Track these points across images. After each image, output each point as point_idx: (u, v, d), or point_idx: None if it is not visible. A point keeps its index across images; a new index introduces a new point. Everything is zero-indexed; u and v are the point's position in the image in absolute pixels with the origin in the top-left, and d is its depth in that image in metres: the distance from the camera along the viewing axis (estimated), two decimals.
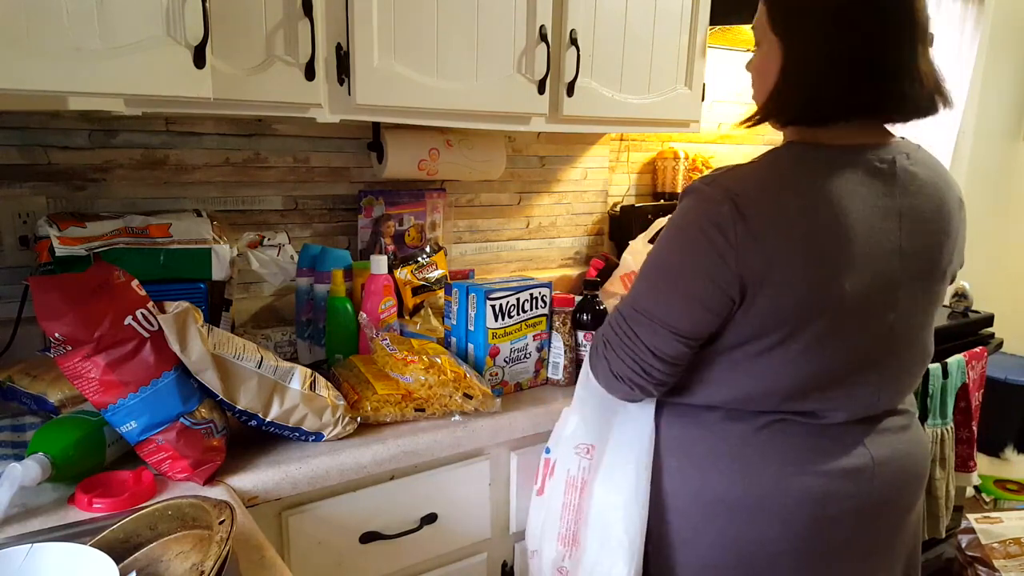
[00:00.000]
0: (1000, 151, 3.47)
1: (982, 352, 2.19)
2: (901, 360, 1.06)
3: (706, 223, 0.95)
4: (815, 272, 0.94)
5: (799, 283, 0.94)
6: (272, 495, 1.09)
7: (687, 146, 2.25)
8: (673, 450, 1.09)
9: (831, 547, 1.05)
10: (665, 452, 1.10)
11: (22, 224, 1.33)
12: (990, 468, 2.85)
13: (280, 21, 1.22)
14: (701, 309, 0.98)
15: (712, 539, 1.06)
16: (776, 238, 0.93)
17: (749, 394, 1.03)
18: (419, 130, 1.62)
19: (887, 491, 1.07)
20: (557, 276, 2.02)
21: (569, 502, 1.18)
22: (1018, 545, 2.09)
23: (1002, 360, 2.92)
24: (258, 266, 1.40)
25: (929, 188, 1.02)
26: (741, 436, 1.04)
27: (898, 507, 1.10)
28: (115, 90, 1.03)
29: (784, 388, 1.01)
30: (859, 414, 1.05)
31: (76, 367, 0.97)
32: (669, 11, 1.73)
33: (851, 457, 1.04)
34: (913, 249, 1.00)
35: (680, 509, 1.09)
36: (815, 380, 1.00)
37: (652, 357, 1.02)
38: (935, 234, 1.03)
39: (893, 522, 1.10)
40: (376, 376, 1.28)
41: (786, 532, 1.03)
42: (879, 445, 1.06)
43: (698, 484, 1.06)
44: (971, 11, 3.03)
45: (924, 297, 1.04)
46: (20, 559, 0.76)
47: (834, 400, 1.02)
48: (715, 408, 1.06)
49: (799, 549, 1.04)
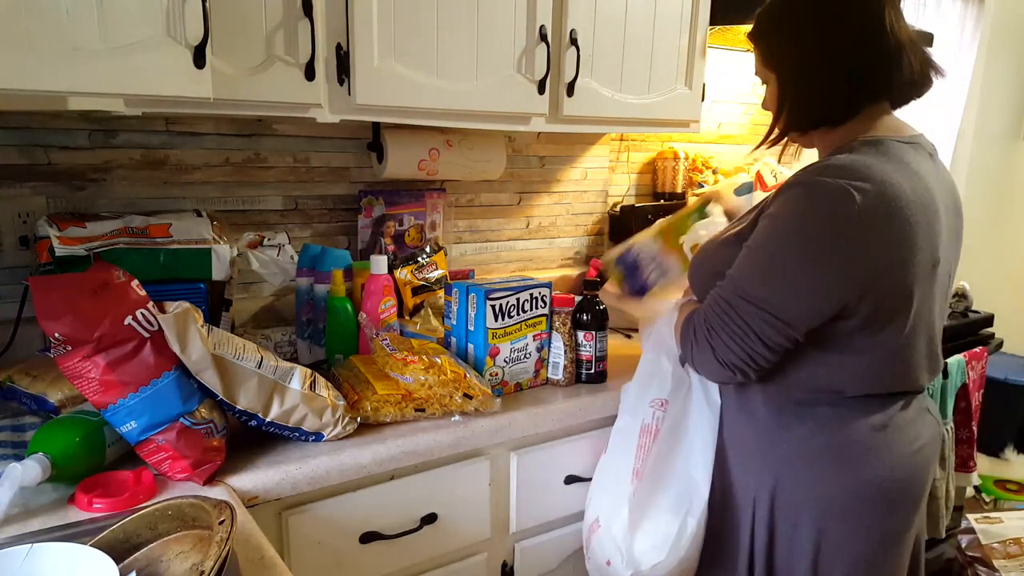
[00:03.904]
0: (1000, 151, 3.47)
1: (982, 352, 2.19)
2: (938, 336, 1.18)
3: (829, 216, 0.98)
4: (923, 255, 1.02)
5: (915, 261, 1.02)
6: (272, 495, 1.09)
7: (687, 146, 2.25)
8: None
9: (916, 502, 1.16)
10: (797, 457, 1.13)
11: (22, 224, 1.33)
12: (990, 468, 2.85)
13: (280, 21, 1.22)
14: (820, 301, 1.01)
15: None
16: (896, 224, 0.99)
17: (864, 376, 1.08)
18: (419, 130, 1.62)
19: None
20: (557, 276, 2.02)
21: (644, 444, 1.26)
22: (1018, 545, 2.09)
23: (1002, 360, 2.92)
24: (258, 266, 1.40)
25: (952, 183, 1.14)
26: (871, 425, 1.10)
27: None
28: (115, 90, 1.03)
29: (897, 366, 1.09)
30: (935, 376, 1.17)
31: (76, 367, 0.97)
32: (669, 11, 1.73)
33: (932, 426, 1.17)
34: (950, 224, 1.10)
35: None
36: (928, 349, 1.11)
37: (761, 345, 1.04)
38: (959, 209, 1.14)
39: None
40: (376, 376, 1.28)
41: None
42: (935, 409, 1.20)
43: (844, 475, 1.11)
44: (971, 11, 3.03)
45: (949, 287, 1.15)
46: (20, 559, 0.76)
47: (932, 368, 1.14)
48: (850, 398, 1.10)
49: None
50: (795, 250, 1.01)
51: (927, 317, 1.09)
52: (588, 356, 1.49)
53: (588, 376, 1.49)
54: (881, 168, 1.00)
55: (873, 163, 1.00)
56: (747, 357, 1.06)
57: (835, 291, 1.00)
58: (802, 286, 1.01)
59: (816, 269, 1.00)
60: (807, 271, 1.00)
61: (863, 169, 0.99)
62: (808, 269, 1.00)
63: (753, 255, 1.06)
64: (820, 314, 1.02)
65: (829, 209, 0.98)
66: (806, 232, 1.00)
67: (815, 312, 1.02)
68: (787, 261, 1.02)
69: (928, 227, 1.02)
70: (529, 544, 1.43)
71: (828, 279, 1.00)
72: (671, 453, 1.25)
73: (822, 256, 0.99)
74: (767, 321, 1.03)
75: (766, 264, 1.04)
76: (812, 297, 1.01)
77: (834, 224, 0.97)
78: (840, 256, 0.98)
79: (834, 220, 0.97)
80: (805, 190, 1.01)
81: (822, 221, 0.98)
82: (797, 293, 1.01)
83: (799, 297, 1.01)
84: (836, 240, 0.98)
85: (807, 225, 1.00)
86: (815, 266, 1.00)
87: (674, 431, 1.26)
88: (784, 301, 1.02)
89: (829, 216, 0.98)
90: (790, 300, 1.02)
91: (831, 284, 1.00)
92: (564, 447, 1.42)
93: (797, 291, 1.01)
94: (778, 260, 1.03)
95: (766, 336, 1.03)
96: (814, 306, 1.02)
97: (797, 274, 1.01)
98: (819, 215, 0.98)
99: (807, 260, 1.00)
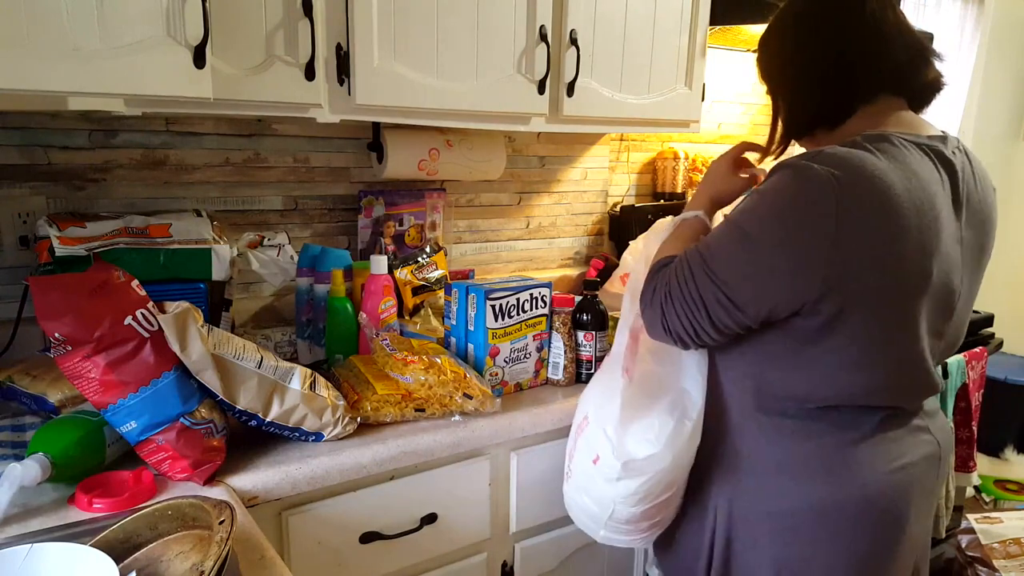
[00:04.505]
0: (1000, 151, 3.47)
1: (982, 352, 2.19)
2: (955, 344, 1.13)
3: (807, 203, 0.93)
4: (910, 263, 0.96)
5: (897, 266, 0.95)
6: (272, 495, 1.09)
7: (687, 146, 2.25)
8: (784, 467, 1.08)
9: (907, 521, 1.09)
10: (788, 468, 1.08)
11: (22, 224, 1.33)
12: (990, 468, 2.85)
13: (280, 21, 1.22)
14: (776, 290, 0.96)
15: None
16: (879, 221, 0.93)
17: (830, 385, 1.02)
18: (419, 130, 1.62)
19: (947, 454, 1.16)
20: (557, 276, 2.02)
21: (632, 346, 1.21)
22: (1018, 545, 2.09)
23: (1002, 360, 2.93)
24: (258, 266, 1.40)
25: (981, 179, 1.10)
26: (850, 440, 1.05)
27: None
28: (115, 90, 1.03)
29: (881, 378, 1.02)
30: (925, 397, 1.10)
31: (76, 367, 0.97)
32: (669, 11, 1.73)
33: (925, 445, 1.10)
34: (968, 238, 1.06)
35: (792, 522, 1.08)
36: (907, 365, 1.03)
37: (709, 324, 1.02)
38: (985, 224, 1.10)
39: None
40: (376, 376, 1.28)
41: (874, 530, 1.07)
42: (938, 429, 1.13)
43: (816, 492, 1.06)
44: (971, 11, 3.03)
45: (974, 287, 1.12)
46: (20, 559, 0.76)
47: (915, 386, 1.07)
48: (816, 410, 1.04)
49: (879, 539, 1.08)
50: (766, 231, 0.96)
51: (912, 331, 0.99)
52: (588, 356, 1.49)
53: (588, 376, 1.49)
54: (874, 163, 0.94)
55: (866, 157, 0.95)
56: (692, 331, 1.03)
57: (794, 282, 0.95)
58: (762, 270, 0.97)
59: (780, 254, 0.95)
60: (772, 255, 0.95)
61: (854, 161, 0.94)
62: (774, 253, 0.95)
63: (728, 228, 1.02)
64: (775, 304, 0.97)
65: (808, 195, 0.93)
66: (780, 215, 0.96)
67: (770, 300, 0.97)
68: (756, 241, 0.97)
69: (919, 233, 0.95)
70: (529, 544, 1.43)
71: (789, 267, 0.94)
72: (662, 364, 1.18)
73: (788, 242, 0.94)
74: (720, 302, 0.99)
75: (736, 240, 1.00)
76: (769, 284, 0.96)
77: (809, 211, 0.93)
78: (807, 247, 0.93)
79: (809, 207, 0.93)
80: (792, 172, 0.96)
81: (798, 207, 0.94)
82: (756, 277, 0.97)
83: (756, 283, 0.97)
84: (807, 228, 0.93)
85: (783, 208, 0.96)
86: (780, 251, 0.95)
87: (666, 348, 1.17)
88: (742, 284, 0.98)
89: (806, 202, 0.93)
90: (747, 284, 0.98)
91: (792, 273, 0.94)
92: (564, 447, 1.42)
93: (757, 275, 0.97)
94: (747, 239, 0.98)
95: (716, 316, 1.00)
96: (768, 293, 0.96)
97: (762, 256, 0.96)
98: (797, 200, 0.94)
99: (775, 243, 0.95)
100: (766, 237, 0.96)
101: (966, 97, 3.13)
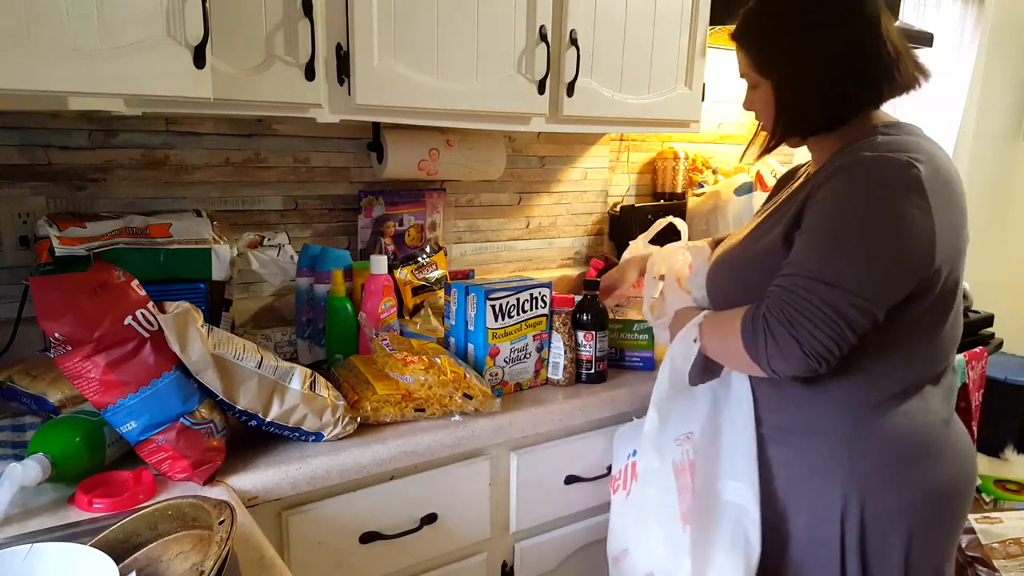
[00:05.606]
0: (1000, 151, 3.47)
1: (982, 352, 2.19)
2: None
3: (895, 184, 0.98)
4: (966, 231, 1.07)
5: (962, 240, 1.06)
6: (272, 495, 1.09)
7: (687, 146, 2.25)
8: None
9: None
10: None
11: (22, 224, 1.33)
12: (990, 468, 2.85)
13: (280, 21, 1.22)
14: (898, 273, 1.00)
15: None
16: (952, 197, 1.02)
17: (928, 365, 1.09)
18: (419, 130, 1.62)
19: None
20: (557, 276, 2.02)
21: (684, 484, 1.17)
22: (1018, 545, 2.09)
23: (1002, 360, 2.92)
24: (258, 266, 1.40)
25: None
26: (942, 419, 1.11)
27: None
28: (115, 90, 1.03)
29: (946, 349, 1.11)
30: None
31: (76, 367, 0.97)
32: (669, 11, 1.73)
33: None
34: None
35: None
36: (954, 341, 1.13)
37: (848, 330, 0.99)
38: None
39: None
40: (376, 376, 1.28)
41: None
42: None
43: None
44: (971, 11, 3.03)
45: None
46: (20, 559, 0.76)
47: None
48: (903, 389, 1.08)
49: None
50: (866, 222, 0.98)
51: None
52: (588, 356, 1.49)
53: (588, 376, 1.49)
54: (926, 145, 1.03)
55: (916, 141, 1.03)
56: (835, 345, 0.99)
57: (913, 260, 0.99)
58: (881, 257, 0.98)
59: (892, 237, 0.97)
60: (884, 240, 0.98)
61: (912, 145, 1.01)
62: (885, 238, 0.98)
63: (818, 238, 1.01)
64: (900, 287, 1.00)
65: (893, 178, 0.98)
66: (874, 203, 0.98)
67: (896, 285, 1.00)
68: (861, 235, 0.98)
69: (962, 207, 1.05)
70: (529, 544, 1.43)
71: (905, 247, 0.98)
72: (711, 486, 1.16)
73: (895, 224, 0.97)
74: (852, 303, 0.98)
75: (836, 244, 1.00)
76: (892, 271, 0.99)
77: (900, 193, 0.97)
78: (911, 224, 0.97)
79: (899, 188, 0.97)
80: (863, 166, 1.00)
81: (889, 191, 0.97)
82: (875, 267, 0.98)
83: (877, 271, 0.98)
84: (906, 207, 0.97)
85: (874, 196, 0.98)
86: (891, 234, 0.97)
87: (708, 458, 1.17)
88: (865, 277, 0.98)
89: (894, 185, 0.97)
90: (870, 275, 0.98)
91: (909, 252, 0.99)
92: (564, 447, 1.42)
93: (875, 264, 0.98)
94: (849, 237, 0.99)
95: (851, 318, 0.98)
96: (891, 278, 0.99)
97: (873, 246, 0.98)
98: (884, 185, 0.98)
99: (882, 229, 0.98)
100: (866, 226, 0.99)
101: (966, 97, 3.13)
